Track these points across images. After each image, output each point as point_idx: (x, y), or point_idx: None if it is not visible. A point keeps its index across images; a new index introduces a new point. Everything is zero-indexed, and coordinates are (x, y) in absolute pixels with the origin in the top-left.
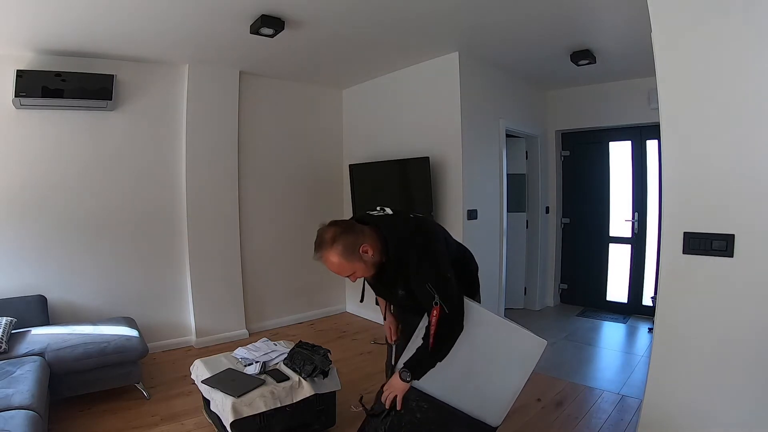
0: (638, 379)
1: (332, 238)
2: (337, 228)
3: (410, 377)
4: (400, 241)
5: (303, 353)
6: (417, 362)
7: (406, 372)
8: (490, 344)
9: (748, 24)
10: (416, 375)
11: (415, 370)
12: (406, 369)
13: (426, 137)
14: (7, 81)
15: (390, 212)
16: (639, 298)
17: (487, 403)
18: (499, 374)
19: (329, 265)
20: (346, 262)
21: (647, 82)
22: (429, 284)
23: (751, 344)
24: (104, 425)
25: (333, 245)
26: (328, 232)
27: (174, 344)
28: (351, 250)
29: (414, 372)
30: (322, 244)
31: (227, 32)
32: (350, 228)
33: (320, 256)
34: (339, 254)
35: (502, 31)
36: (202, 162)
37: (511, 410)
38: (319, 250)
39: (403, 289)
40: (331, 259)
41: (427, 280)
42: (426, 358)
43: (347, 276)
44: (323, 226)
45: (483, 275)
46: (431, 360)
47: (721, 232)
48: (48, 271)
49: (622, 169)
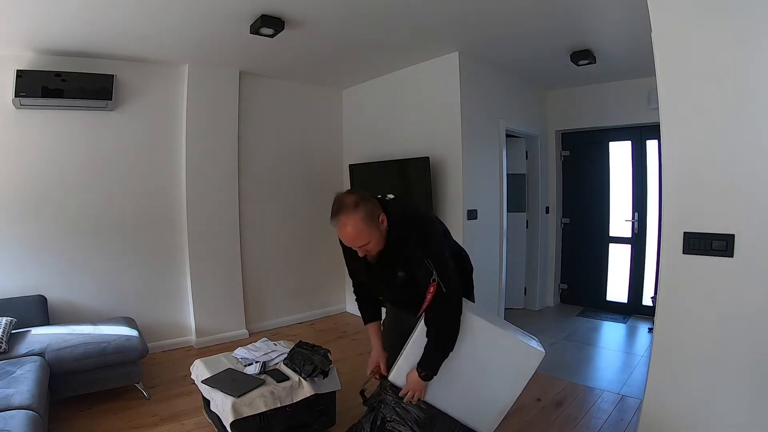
0: (638, 379)
1: (355, 202)
2: (357, 195)
3: (428, 373)
4: (404, 219)
5: (303, 353)
6: (429, 358)
7: (422, 371)
8: (484, 354)
9: (748, 24)
10: (432, 370)
11: (429, 365)
12: (422, 369)
13: (426, 137)
14: (7, 81)
15: (392, 197)
16: (639, 298)
17: (477, 413)
18: (491, 384)
19: (347, 230)
20: (366, 228)
21: (647, 82)
22: (428, 260)
23: (750, 344)
24: (104, 425)
25: (355, 209)
26: (348, 197)
27: (174, 344)
28: (371, 217)
29: (427, 368)
30: (342, 207)
31: (227, 32)
32: (369, 196)
33: (338, 221)
34: (361, 219)
35: (502, 31)
36: (202, 162)
37: (511, 410)
38: (338, 214)
39: (403, 269)
40: (351, 223)
41: (426, 255)
42: (436, 352)
43: (360, 246)
44: (340, 193)
45: (483, 275)
46: (439, 349)
47: (721, 232)
48: (48, 271)
49: (622, 169)
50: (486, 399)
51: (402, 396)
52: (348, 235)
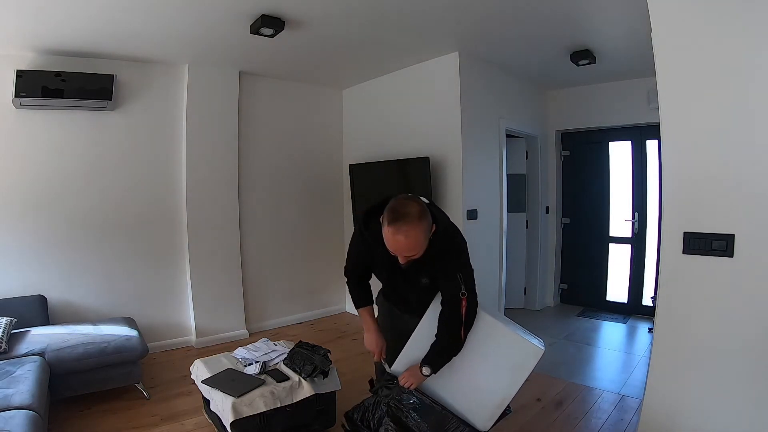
0: (638, 379)
1: (419, 213)
2: (419, 205)
3: (430, 372)
4: (446, 231)
5: (303, 353)
6: (436, 358)
7: (427, 368)
8: (485, 347)
9: (748, 24)
10: (434, 369)
11: (433, 365)
12: (427, 365)
13: (426, 137)
14: (7, 81)
15: (426, 201)
16: (639, 298)
17: (474, 406)
18: (490, 378)
19: (405, 240)
20: (423, 241)
21: (647, 82)
22: (460, 275)
23: (750, 344)
24: (104, 425)
25: (420, 221)
26: (413, 205)
27: (174, 344)
28: (428, 230)
29: (432, 366)
30: (406, 216)
31: (227, 32)
32: (426, 207)
33: (397, 229)
34: (422, 231)
35: (502, 31)
36: (202, 162)
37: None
38: (403, 222)
39: (428, 277)
40: (412, 234)
41: (459, 270)
42: (446, 353)
43: (408, 255)
44: (402, 198)
45: (483, 275)
46: (452, 352)
47: (721, 232)
48: (48, 271)
49: (622, 169)
50: (484, 392)
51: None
52: (402, 244)
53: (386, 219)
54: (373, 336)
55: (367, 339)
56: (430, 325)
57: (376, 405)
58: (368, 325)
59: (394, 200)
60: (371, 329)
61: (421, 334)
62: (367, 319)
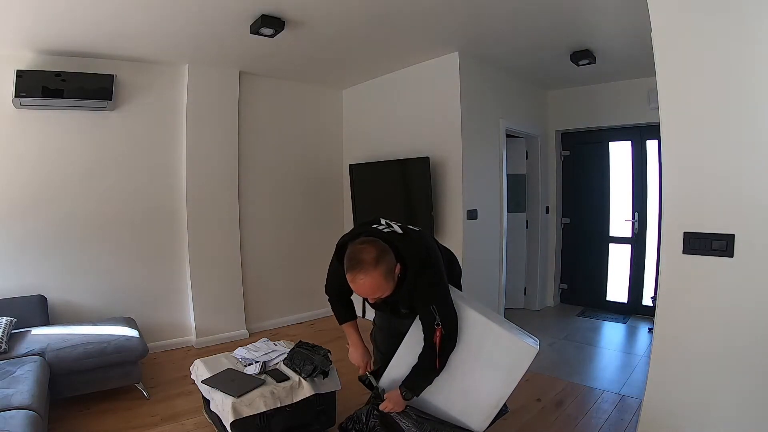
0: (638, 379)
1: (375, 259)
2: (375, 248)
3: (411, 396)
4: (419, 267)
5: (303, 353)
6: (416, 381)
7: (408, 392)
8: (477, 347)
9: (748, 24)
10: (415, 392)
11: (416, 388)
12: (406, 389)
13: (426, 137)
14: (7, 81)
15: (398, 231)
16: (639, 298)
17: (468, 408)
18: (483, 379)
19: (365, 284)
20: (385, 284)
21: (647, 82)
22: (433, 306)
23: (750, 344)
24: (104, 425)
25: (377, 266)
26: (367, 251)
27: (174, 344)
28: (390, 272)
29: (411, 389)
30: (361, 263)
31: (227, 32)
32: (386, 249)
33: (356, 276)
34: (382, 276)
35: (502, 31)
36: (202, 162)
37: (511, 410)
38: (358, 269)
39: (406, 307)
40: (369, 281)
41: (431, 302)
42: (424, 378)
43: (372, 297)
44: (355, 244)
45: (483, 275)
46: (431, 378)
47: (721, 232)
48: (48, 271)
49: (622, 169)
50: (479, 393)
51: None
52: (364, 289)
53: (345, 265)
54: (359, 351)
55: (352, 354)
56: (414, 342)
57: (368, 414)
58: (353, 340)
59: (351, 245)
60: (356, 344)
61: (405, 352)
62: (351, 333)
